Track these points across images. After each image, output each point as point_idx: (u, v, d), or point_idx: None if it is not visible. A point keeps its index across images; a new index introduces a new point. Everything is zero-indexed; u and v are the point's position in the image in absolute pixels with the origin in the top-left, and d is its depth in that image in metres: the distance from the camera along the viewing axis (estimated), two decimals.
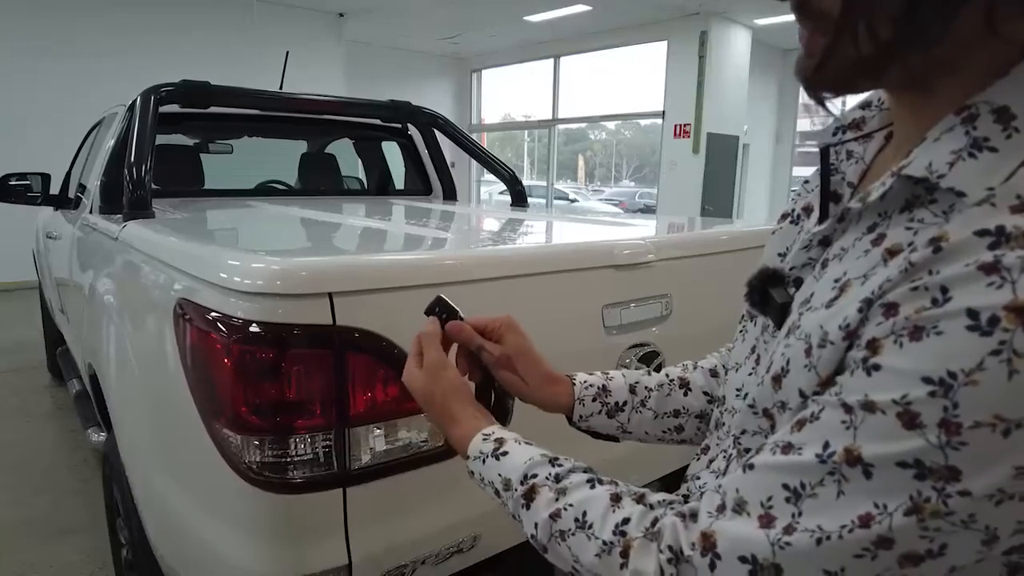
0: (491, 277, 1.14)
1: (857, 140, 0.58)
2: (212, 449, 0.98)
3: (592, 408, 0.77)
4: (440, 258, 1.21)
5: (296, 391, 0.92)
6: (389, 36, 10.61)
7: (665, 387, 0.78)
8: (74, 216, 2.55)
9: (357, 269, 1.00)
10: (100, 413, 1.97)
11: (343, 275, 0.96)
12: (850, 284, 0.45)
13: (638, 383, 0.78)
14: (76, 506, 2.57)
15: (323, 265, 0.99)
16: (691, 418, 0.77)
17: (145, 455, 1.34)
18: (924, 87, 0.45)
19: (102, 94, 6.92)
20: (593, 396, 0.77)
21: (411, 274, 1.03)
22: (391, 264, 1.07)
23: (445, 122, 2.84)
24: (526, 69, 11.94)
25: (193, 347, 1.03)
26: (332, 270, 0.97)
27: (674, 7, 8.45)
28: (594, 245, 1.36)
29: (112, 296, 1.64)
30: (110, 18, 7.39)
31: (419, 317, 1.02)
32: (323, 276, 0.94)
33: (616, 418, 0.77)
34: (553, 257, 1.29)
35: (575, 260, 1.28)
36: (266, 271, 0.94)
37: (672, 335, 1.40)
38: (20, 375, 4.22)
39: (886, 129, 0.56)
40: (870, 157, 0.57)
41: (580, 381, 0.77)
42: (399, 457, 1.01)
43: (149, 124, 2.01)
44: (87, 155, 2.96)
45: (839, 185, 0.57)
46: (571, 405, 0.76)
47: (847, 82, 0.47)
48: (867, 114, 0.58)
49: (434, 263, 1.13)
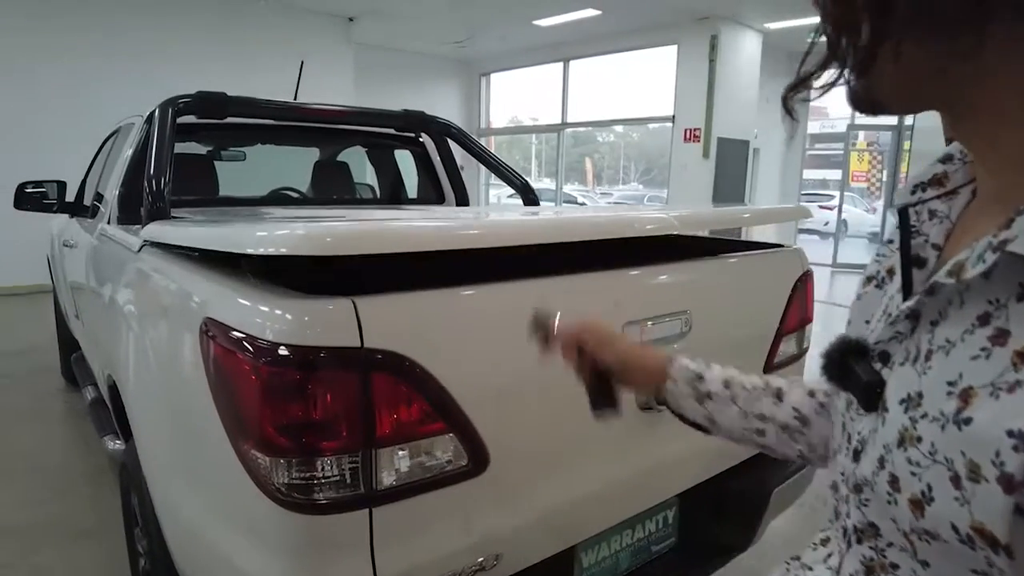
0: (518, 277, 1.14)
1: (940, 198, 0.54)
2: (239, 468, 0.99)
3: (684, 390, 0.80)
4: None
5: (324, 413, 0.92)
6: (398, 39, 10.65)
7: (758, 391, 0.78)
8: (91, 225, 2.56)
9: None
10: (118, 422, 1.99)
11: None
12: (975, 394, 0.41)
13: (733, 379, 0.80)
14: (89, 511, 2.59)
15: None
16: (775, 426, 0.77)
17: (168, 469, 1.35)
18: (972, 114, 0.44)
19: (115, 98, 7.03)
20: (688, 379, 0.80)
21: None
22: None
23: (459, 131, 2.84)
24: (535, 72, 11.95)
25: (219, 367, 1.04)
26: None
27: (684, 11, 8.43)
28: (623, 216, 1.35)
29: (133, 309, 1.65)
30: (123, 22, 7.45)
31: (441, 337, 1.04)
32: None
33: (705, 406, 0.79)
34: (587, 226, 1.27)
35: (607, 230, 1.29)
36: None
37: (692, 352, 1.39)
38: (34, 378, 4.25)
39: (971, 184, 0.53)
40: (955, 215, 0.53)
41: (679, 363, 0.81)
42: (423, 477, 1.01)
43: (167, 136, 2.03)
44: (103, 164, 2.98)
45: (921, 248, 0.53)
46: (662, 383, 0.81)
47: (896, 100, 0.46)
48: (949, 168, 0.54)
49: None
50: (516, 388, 1.13)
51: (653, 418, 1.36)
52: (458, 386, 1.02)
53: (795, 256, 1.78)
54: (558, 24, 9.35)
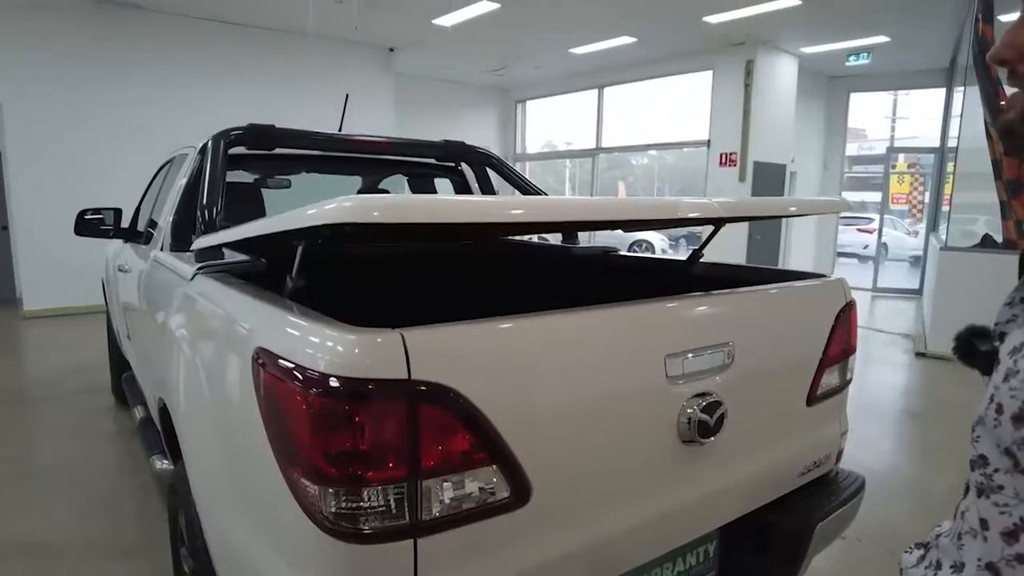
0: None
1: None
2: (288, 495, 1.01)
3: None
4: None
5: (372, 443, 0.94)
6: (436, 69, 10.90)
7: None
8: (145, 251, 2.67)
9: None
10: (166, 442, 2.04)
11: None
12: None
13: None
14: (135, 528, 2.66)
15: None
16: None
17: (217, 492, 1.39)
18: None
19: (172, 125, 7.34)
20: None
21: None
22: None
23: (498, 161, 2.89)
24: (570, 98, 12.06)
25: (270, 395, 1.07)
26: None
27: (719, 37, 8.45)
28: (666, 201, 1.36)
29: (185, 334, 1.71)
30: (178, 54, 7.80)
31: (485, 369, 1.06)
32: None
33: None
34: (632, 209, 1.30)
35: (650, 211, 1.31)
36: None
37: (735, 383, 1.39)
38: (86, 396, 4.41)
39: None
40: None
41: None
42: (467, 509, 1.02)
43: (220, 166, 2.11)
44: (157, 192, 3.10)
45: None
46: None
47: None
48: None
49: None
50: (558, 421, 1.14)
51: (694, 451, 1.35)
52: (501, 418, 1.04)
53: (837, 286, 1.76)
54: (593, 52, 9.45)
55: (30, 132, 7.07)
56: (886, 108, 21.49)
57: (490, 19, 7.73)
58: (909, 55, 9.27)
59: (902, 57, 9.37)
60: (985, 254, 5.85)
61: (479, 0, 7.15)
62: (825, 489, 1.75)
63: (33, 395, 4.53)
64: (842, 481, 1.80)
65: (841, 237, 12.33)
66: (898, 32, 8.16)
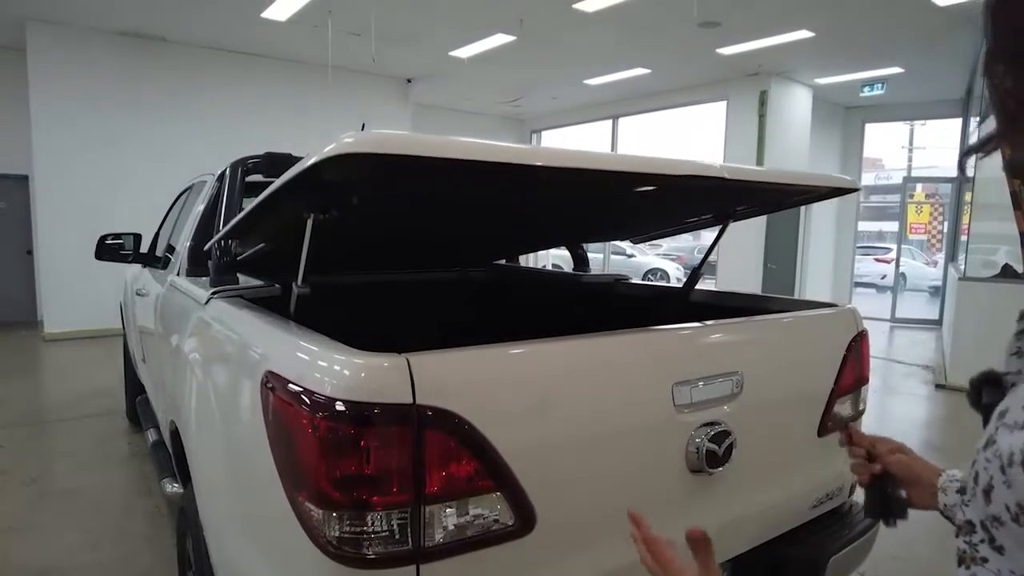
0: None
1: None
2: (293, 519, 1.02)
3: (955, 499, 0.82)
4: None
5: (376, 467, 0.95)
6: (453, 99, 11.08)
7: None
8: (162, 275, 2.71)
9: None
10: (178, 466, 2.06)
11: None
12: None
13: None
14: (148, 553, 2.66)
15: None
16: None
17: (223, 515, 1.39)
18: None
19: (193, 152, 7.50)
20: (957, 489, 0.83)
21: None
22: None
23: None
24: (585, 128, 12.17)
25: (277, 419, 1.09)
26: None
27: (733, 67, 8.52)
28: (672, 160, 1.30)
29: (198, 357, 1.73)
30: (200, 84, 8.01)
31: (490, 395, 1.06)
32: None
33: None
34: (639, 164, 1.27)
35: (657, 167, 1.26)
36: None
37: (744, 413, 1.37)
38: (101, 420, 4.45)
39: None
40: None
41: (946, 475, 0.87)
42: (470, 536, 1.02)
43: (237, 193, 2.16)
44: (176, 218, 3.17)
45: None
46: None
47: None
48: None
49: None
50: (563, 448, 1.13)
51: (703, 481, 1.33)
52: (506, 444, 1.04)
53: (849, 315, 1.75)
54: (608, 83, 9.57)
55: (59, 160, 7.26)
56: (903, 138, 21.47)
57: (506, 51, 7.87)
58: (924, 86, 9.28)
59: (917, 88, 9.38)
60: (1005, 284, 5.79)
61: (495, 33, 7.30)
62: (839, 522, 1.71)
63: (53, 417, 4.58)
64: (857, 514, 1.76)
65: (858, 267, 12.21)
66: (912, 63, 8.18)
